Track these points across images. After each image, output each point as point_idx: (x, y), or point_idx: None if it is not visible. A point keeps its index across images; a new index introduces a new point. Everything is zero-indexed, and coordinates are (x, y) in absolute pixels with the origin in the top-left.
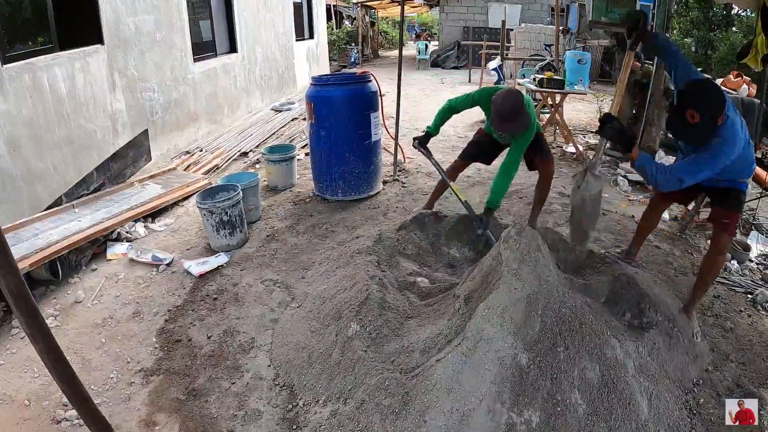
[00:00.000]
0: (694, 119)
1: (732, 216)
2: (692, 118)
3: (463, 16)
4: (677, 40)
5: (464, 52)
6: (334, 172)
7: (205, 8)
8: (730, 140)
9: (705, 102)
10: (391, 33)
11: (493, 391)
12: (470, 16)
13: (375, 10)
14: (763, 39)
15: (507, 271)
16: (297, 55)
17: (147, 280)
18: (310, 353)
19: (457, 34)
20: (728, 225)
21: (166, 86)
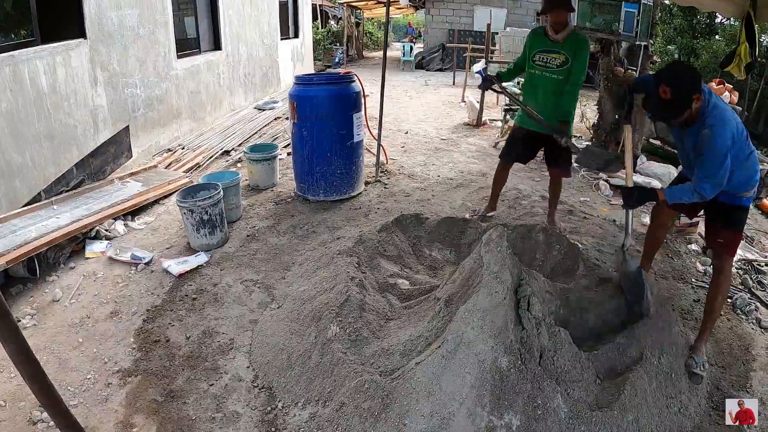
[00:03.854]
0: (666, 95)
1: (728, 235)
2: (664, 93)
3: (448, 19)
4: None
5: (449, 55)
6: (316, 172)
7: (189, 4)
8: (720, 128)
9: (676, 77)
10: (377, 34)
11: (473, 394)
12: (456, 18)
13: (361, 11)
14: (746, 47)
15: (488, 274)
16: (282, 54)
17: (126, 279)
18: (289, 355)
19: (442, 36)
20: (725, 245)
21: (148, 82)
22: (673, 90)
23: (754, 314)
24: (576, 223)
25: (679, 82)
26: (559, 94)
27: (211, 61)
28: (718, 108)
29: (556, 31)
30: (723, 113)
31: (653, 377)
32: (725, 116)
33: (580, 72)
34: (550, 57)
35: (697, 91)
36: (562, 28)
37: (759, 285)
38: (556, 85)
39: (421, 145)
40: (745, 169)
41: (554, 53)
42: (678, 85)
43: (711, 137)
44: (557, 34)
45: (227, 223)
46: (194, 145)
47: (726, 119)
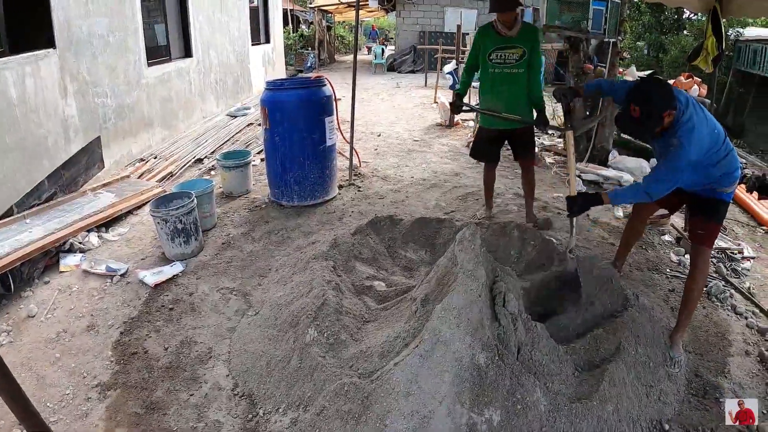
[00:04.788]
0: (635, 113)
1: (707, 227)
2: (634, 111)
3: (419, 21)
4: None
5: (420, 57)
6: (290, 178)
7: (159, 11)
8: (686, 143)
9: (646, 97)
10: (348, 37)
11: (452, 392)
12: (426, 20)
13: (332, 15)
14: (713, 41)
15: (462, 272)
16: (253, 59)
17: (101, 291)
18: (268, 361)
19: (413, 38)
20: (703, 237)
21: (119, 91)
22: (642, 109)
23: (729, 301)
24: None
25: (649, 102)
26: (522, 87)
27: (182, 68)
28: (692, 121)
29: (508, 27)
30: (695, 127)
31: (631, 367)
32: (696, 131)
33: (539, 60)
34: (508, 53)
35: (668, 108)
36: (513, 23)
37: (733, 272)
38: (517, 80)
39: (394, 147)
40: (724, 168)
41: (511, 48)
42: (647, 104)
43: (677, 148)
44: (510, 30)
45: (202, 232)
46: (167, 154)
47: (698, 135)
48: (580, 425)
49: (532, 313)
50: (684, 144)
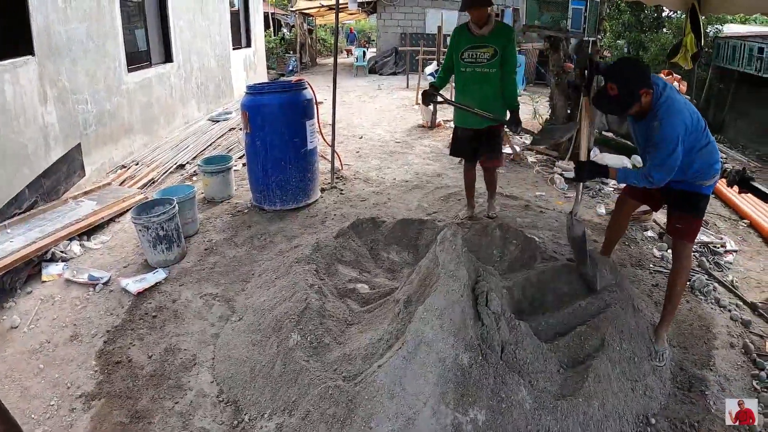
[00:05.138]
0: (613, 91)
1: (686, 221)
2: (611, 90)
3: (400, 23)
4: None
5: (402, 59)
6: (271, 182)
7: (139, 17)
8: (668, 121)
9: (621, 75)
10: (329, 40)
11: (436, 392)
12: (407, 22)
13: (313, 18)
14: (692, 38)
15: (444, 273)
16: (234, 64)
17: (84, 300)
18: (252, 367)
19: (394, 40)
20: (683, 231)
21: (99, 97)
22: (619, 86)
23: (713, 294)
24: (532, 218)
25: (624, 79)
26: (494, 86)
27: (163, 74)
28: (670, 100)
29: (479, 26)
30: (674, 105)
31: (616, 363)
32: (676, 107)
33: (513, 59)
34: (479, 52)
35: (643, 86)
36: (485, 22)
37: (716, 266)
38: (489, 79)
39: (376, 149)
40: (704, 158)
41: (482, 48)
42: (623, 81)
43: (660, 127)
44: (481, 29)
45: (184, 238)
46: (148, 160)
47: (677, 110)
48: (565, 422)
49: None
50: (667, 121)
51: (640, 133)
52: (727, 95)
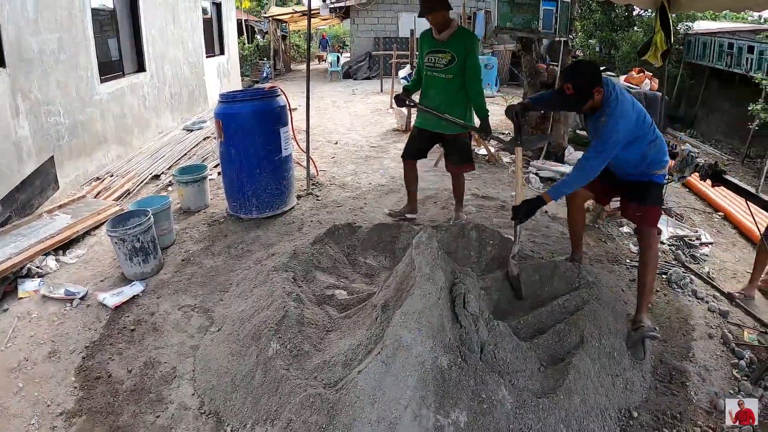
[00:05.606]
0: (569, 91)
1: (644, 209)
2: (568, 90)
3: (373, 27)
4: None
5: (376, 63)
6: (247, 190)
7: (111, 26)
8: (614, 119)
9: (576, 76)
10: (303, 46)
11: (417, 396)
12: (381, 26)
13: (286, 24)
14: (661, 36)
15: (420, 276)
16: (208, 72)
17: (61, 316)
18: (233, 377)
19: (368, 45)
20: (643, 218)
21: (71, 109)
22: (574, 85)
23: (690, 287)
24: (508, 218)
25: (579, 80)
26: (452, 92)
27: (136, 83)
28: (619, 101)
29: (439, 31)
30: (622, 106)
31: (596, 359)
32: (623, 109)
33: (475, 66)
34: (437, 57)
35: (596, 85)
36: (444, 27)
37: (692, 259)
38: (446, 84)
39: (351, 154)
40: (655, 149)
41: (440, 53)
42: (578, 81)
43: (606, 124)
44: (440, 34)
45: (161, 249)
46: (123, 172)
47: (623, 109)
48: (547, 420)
49: (495, 312)
50: (611, 120)
51: (591, 127)
52: (699, 91)
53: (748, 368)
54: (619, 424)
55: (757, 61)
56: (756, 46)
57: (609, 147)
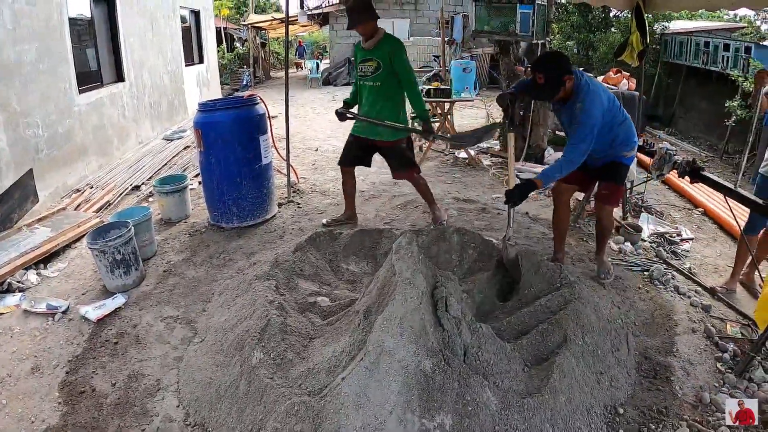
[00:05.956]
0: (540, 80)
1: (611, 187)
2: (540, 79)
3: (352, 33)
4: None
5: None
6: (228, 199)
7: (89, 35)
8: (589, 103)
9: (546, 65)
10: (283, 53)
11: (401, 400)
12: None
13: (266, 31)
14: (637, 36)
15: (401, 281)
16: (187, 80)
17: (43, 331)
18: (217, 388)
19: (347, 50)
20: (608, 196)
21: (50, 120)
22: (546, 75)
23: (672, 283)
24: (489, 220)
25: (549, 68)
26: (383, 99)
27: (115, 93)
28: (589, 86)
29: (365, 39)
30: (594, 90)
31: (580, 357)
32: (596, 92)
33: (404, 72)
34: (366, 65)
35: (566, 73)
36: (371, 36)
37: (673, 255)
38: (376, 92)
39: (332, 161)
40: (623, 131)
41: (368, 61)
42: (548, 70)
43: (583, 110)
44: (367, 42)
45: (142, 261)
46: (103, 183)
47: (596, 94)
48: (533, 420)
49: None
50: (587, 105)
51: (565, 116)
52: (676, 89)
53: (732, 361)
54: (605, 421)
55: (732, 58)
56: (732, 44)
57: (590, 130)
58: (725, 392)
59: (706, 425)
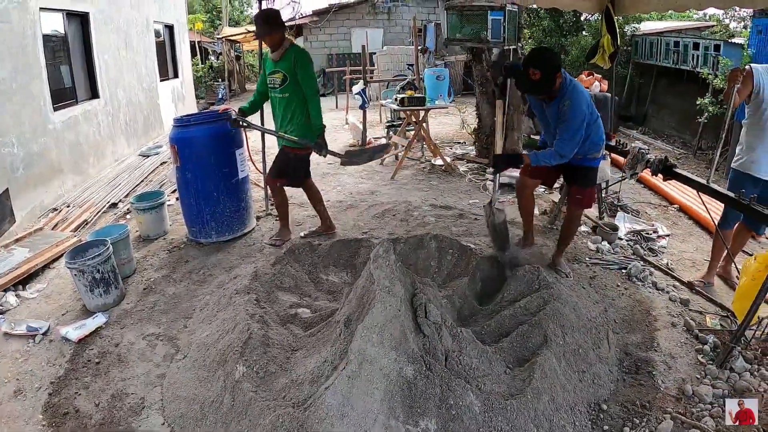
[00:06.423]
0: (536, 76)
1: (584, 192)
2: (534, 75)
3: (326, 44)
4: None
5: (330, 79)
6: (205, 214)
7: (63, 52)
8: (576, 100)
9: (541, 60)
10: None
11: (385, 408)
12: (333, 43)
13: (240, 44)
14: (608, 39)
15: (379, 289)
16: (162, 95)
17: (24, 353)
18: (201, 404)
19: (322, 61)
20: (581, 200)
21: (25, 139)
22: (541, 71)
23: (650, 279)
24: (467, 226)
25: (544, 64)
26: (290, 112)
27: (89, 110)
28: (574, 84)
29: (272, 51)
30: (578, 88)
31: (561, 357)
32: (579, 89)
33: (307, 84)
34: (273, 78)
35: (558, 69)
36: (277, 47)
37: (650, 252)
38: (285, 104)
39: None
40: (596, 131)
41: (275, 73)
42: (544, 66)
43: (571, 107)
44: (273, 54)
45: (122, 279)
46: (80, 201)
47: (581, 92)
48: (517, 421)
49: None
50: (574, 102)
51: (551, 114)
52: (648, 89)
53: (713, 352)
54: (589, 419)
55: (702, 57)
56: (701, 42)
57: (580, 124)
58: (707, 383)
59: (690, 417)
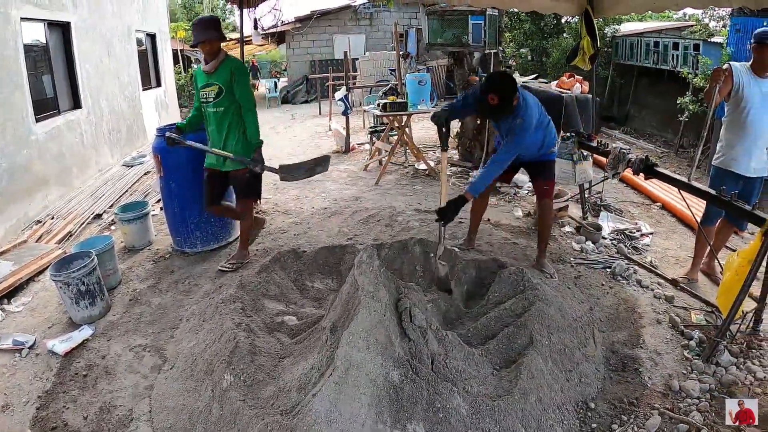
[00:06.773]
0: (494, 101)
1: (550, 183)
2: (492, 100)
3: (309, 51)
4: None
5: (313, 86)
6: (190, 224)
7: (44, 62)
8: (527, 119)
9: (500, 86)
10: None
11: (372, 413)
12: (316, 49)
13: None
14: (588, 41)
15: (364, 295)
16: (145, 104)
17: (11, 367)
18: (190, 414)
19: (305, 68)
20: (548, 190)
21: (8, 151)
22: (499, 96)
23: (634, 277)
24: (452, 229)
25: (503, 90)
26: (225, 127)
27: (72, 121)
28: (527, 101)
29: (206, 62)
30: (529, 104)
31: (547, 357)
32: (531, 107)
33: (244, 96)
34: (207, 91)
35: (515, 93)
36: (212, 57)
37: (634, 250)
38: (220, 119)
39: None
40: (549, 131)
41: (209, 86)
42: (502, 91)
43: (522, 125)
44: (207, 65)
45: (107, 290)
46: (64, 213)
47: (531, 109)
48: (505, 422)
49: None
50: (525, 120)
51: (504, 129)
52: (629, 89)
53: (699, 347)
54: (577, 417)
55: (682, 56)
56: (680, 42)
57: (523, 139)
58: (694, 378)
59: (678, 412)
